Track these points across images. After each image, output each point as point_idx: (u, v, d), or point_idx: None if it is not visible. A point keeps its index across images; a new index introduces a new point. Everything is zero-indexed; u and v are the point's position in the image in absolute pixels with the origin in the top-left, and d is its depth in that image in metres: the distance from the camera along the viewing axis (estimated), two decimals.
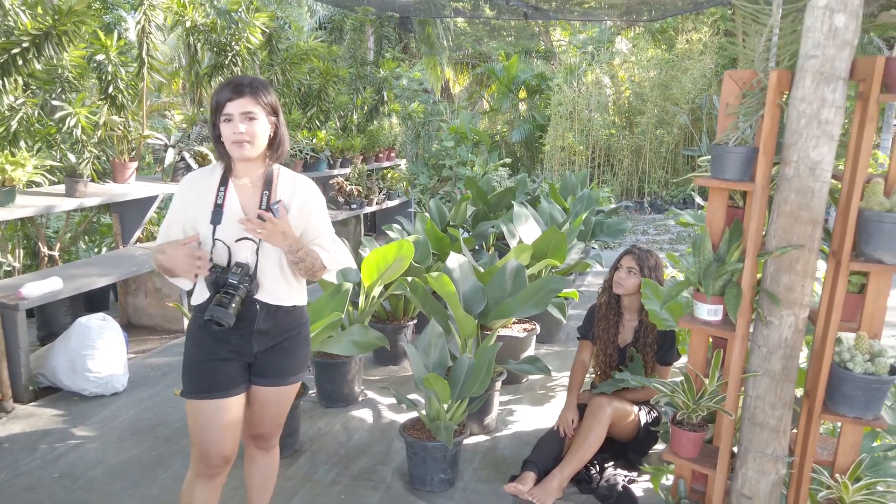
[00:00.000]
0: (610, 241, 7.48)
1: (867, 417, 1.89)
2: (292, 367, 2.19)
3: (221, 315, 1.93)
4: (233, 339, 2.06)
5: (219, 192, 2.03)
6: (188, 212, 2.07)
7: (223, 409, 2.06)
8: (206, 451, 2.07)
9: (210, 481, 2.11)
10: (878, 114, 1.74)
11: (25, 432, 3.38)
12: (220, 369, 2.06)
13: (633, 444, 3.11)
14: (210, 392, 2.04)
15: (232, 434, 2.10)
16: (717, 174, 2.01)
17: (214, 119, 1.99)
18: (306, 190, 2.14)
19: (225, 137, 1.98)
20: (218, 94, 1.97)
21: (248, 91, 1.96)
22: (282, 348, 2.15)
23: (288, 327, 2.15)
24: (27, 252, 4.96)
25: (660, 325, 2.68)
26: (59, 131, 4.41)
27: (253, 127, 1.97)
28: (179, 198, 2.08)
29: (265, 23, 5.69)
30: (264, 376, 2.15)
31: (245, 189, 2.07)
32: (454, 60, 15.77)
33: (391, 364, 4.47)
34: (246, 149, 1.97)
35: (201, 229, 2.05)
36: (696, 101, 10.97)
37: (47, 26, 4.04)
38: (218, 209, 2.02)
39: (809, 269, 1.89)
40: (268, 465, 2.34)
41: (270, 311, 2.09)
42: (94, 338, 3.80)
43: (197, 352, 2.08)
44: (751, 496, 2.05)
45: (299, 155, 6.39)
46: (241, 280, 1.97)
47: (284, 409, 2.26)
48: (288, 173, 2.15)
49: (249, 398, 2.18)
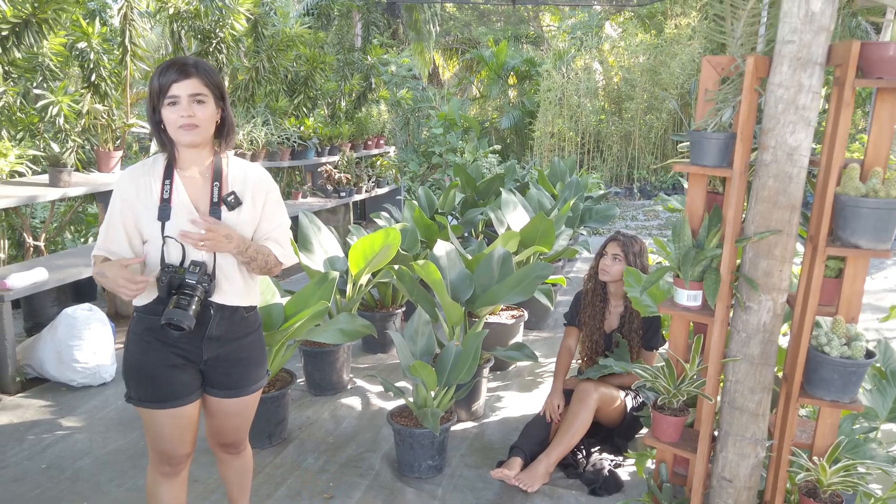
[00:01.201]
0: (599, 228, 7.50)
1: (844, 401, 1.91)
2: (252, 377, 2.08)
3: (181, 318, 1.79)
4: (182, 344, 1.93)
5: (164, 186, 1.87)
6: (130, 210, 1.89)
7: (179, 417, 1.97)
8: (166, 453, 2.01)
9: (174, 478, 2.07)
10: (854, 99, 1.74)
11: (12, 423, 3.38)
12: (173, 377, 1.93)
13: (619, 428, 3.14)
14: (164, 402, 1.93)
15: (191, 434, 2.03)
16: (696, 160, 2.01)
17: (155, 103, 1.83)
18: (260, 179, 2.00)
19: (169, 122, 1.82)
20: (161, 76, 1.80)
21: (195, 72, 1.81)
22: (238, 358, 2.03)
23: (241, 334, 2.02)
24: (12, 243, 4.93)
25: (642, 311, 2.69)
26: (41, 120, 4.37)
27: (202, 110, 1.83)
28: (119, 196, 1.89)
29: (250, 9, 5.64)
30: (224, 388, 2.03)
31: (193, 181, 1.92)
32: (443, 46, 15.69)
33: (380, 352, 4.48)
34: (194, 133, 1.83)
35: (146, 228, 1.89)
36: (684, 86, 10.97)
37: (27, 14, 3.99)
38: (165, 204, 1.86)
39: (787, 254, 1.90)
40: (242, 463, 2.28)
41: (225, 316, 1.96)
42: (80, 328, 3.79)
43: (144, 357, 1.93)
44: (731, 479, 2.07)
45: (287, 143, 6.36)
46: (199, 280, 1.84)
47: (248, 417, 2.16)
48: (238, 162, 2.01)
49: (209, 409, 2.09)
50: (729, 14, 1.99)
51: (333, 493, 2.84)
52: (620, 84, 11.91)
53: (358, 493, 2.84)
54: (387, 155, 8.68)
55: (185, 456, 2.06)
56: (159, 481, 2.07)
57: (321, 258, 3.96)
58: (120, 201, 1.90)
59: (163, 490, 2.07)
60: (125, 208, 1.89)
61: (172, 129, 1.84)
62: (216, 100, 1.88)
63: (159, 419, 1.97)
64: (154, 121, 1.87)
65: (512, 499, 2.81)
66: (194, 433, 2.06)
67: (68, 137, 4.43)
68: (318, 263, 3.90)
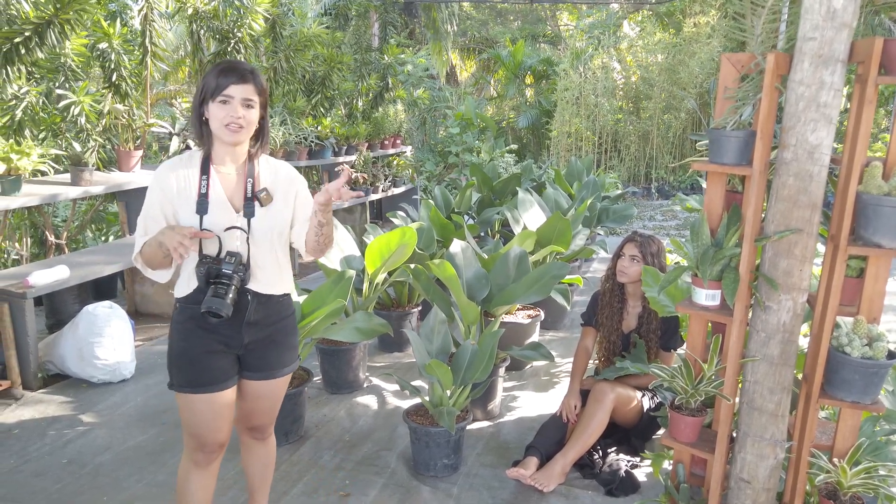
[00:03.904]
0: (616, 227, 7.46)
1: (865, 402, 1.88)
2: (283, 360, 2.18)
3: (219, 306, 1.90)
4: (223, 331, 2.04)
5: (201, 182, 1.99)
6: (169, 203, 2.00)
7: (216, 402, 2.05)
8: (201, 440, 2.08)
9: (206, 468, 2.13)
10: (877, 96, 1.72)
11: (34, 419, 3.43)
12: (212, 363, 2.04)
13: (636, 429, 3.12)
14: (203, 387, 2.03)
15: (226, 422, 2.11)
16: (715, 159, 1.99)
17: (206, 97, 1.94)
18: (289, 176, 2.13)
19: (216, 118, 1.93)
20: (220, 76, 1.92)
21: (252, 78, 1.96)
22: (272, 340, 2.13)
23: (277, 318, 2.13)
24: (34, 241, 5.00)
25: (660, 311, 2.67)
26: (63, 120, 4.43)
27: (249, 114, 1.96)
28: (158, 188, 2.00)
29: (268, 9, 5.68)
30: (256, 370, 2.13)
31: (228, 177, 2.04)
32: (460, 46, 15.69)
33: (396, 350, 4.49)
34: (240, 134, 1.96)
35: (184, 220, 1.99)
36: (703, 85, 10.87)
37: (49, 15, 4.05)
38: (203, 199, 1.98)
39: (808, 254, 1.88)
40: (266, 454, 2.35)
41: (262, 301, 2.07)
42: (101, 325, 3.83)
43: (186, 345, 2.04)
44: (749, 480, 2.05)
45: (304, 142, 6.39)
46: (235, 269, 1.95)
47: (277, 401, 2.25)
48: (268, 160, 2.14)
49: (242, 392, 2.17)
50: (749, 11, 1.97)
51: (349, 491, 2.85)
52: (638, 83, 11.83)
53: (374, 491, 2.85)
54: (403, 154, 8.69)
55: (219, 445, 2.11)
56: (191, 470, 2.13)
57: (338, 257, 3.97)
58: (160, 192, 2.00)
59: (193, 478, 2.12)
60: (164, 200, 2.00)
61: (217, 125, 1.95)
62: (261, 107, 2.01)
63: (197, 404, 2.04)
64: (198, 113, 1.98)
65: (528, 498, 2.81)
66: (230, 422, 2.12)
67: (89, 137, 4.49)
68: (334, 262, 3.92)
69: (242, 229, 2.01)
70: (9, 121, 4.22)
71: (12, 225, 4.71)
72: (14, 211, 4.57)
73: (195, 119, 2.00)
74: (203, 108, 1.96)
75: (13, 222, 4.71)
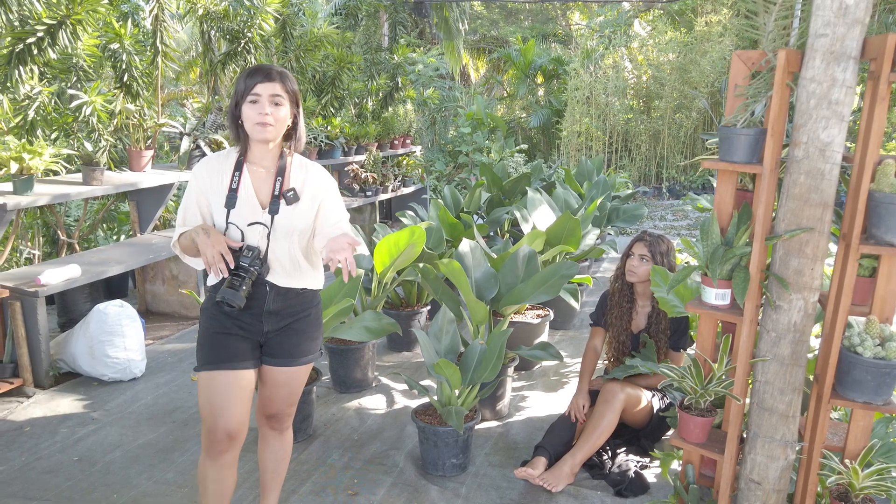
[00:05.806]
0: (626, 227, 7.43)
1: (877, 403, 1.86)
2: (304, 349, 2.22)
3: (232, 297, 1.99)
4: (244, 318, 2.12)
5: (234, 177, 2.09)
6: (204, 196, 2.13)
7: (230, 381, 2.08)
8: (212, 425, 2.08)
9: (217, 459, 2.11)
10: (890, 94, 1.70)
11: (46, 417, 3.45)
12: (230, 343, 2.11)
13: (645, 430, 3.11)
14: (219, 363, 2.09)
15: (238, 408, 2.09)
16: (726, 157, 1.98)
17: (239, 100, 2.04)
18: (318, 178, 2.20)
19: (248, 118, 2.03)
20: (247, 78, 2.03)
21: (278, 77, 2.04)
22: (293, 329, 2.19)
23: (299, 308, 2.19)
24: (46, 240, 5.03)
25: (669, 311, 2.66)
26: (75, 120, 4.46)
27: (277, 111, 2.04)
28: (195, 180, 2.14)
29: (278, 9, 5.69)
30: (276, 356, 2.19)
31: (259, 175, 2.13)
32: (470, 45, 15.68)
33: (405, 350, 4.49)
34: (268, 131, 2.03)
35: (215, 213, 2.11)
36: (715, 84, 10.81)
37: (61, 15, 4.07)
38: (232, 194, 2.08)
39: (819, 253, 1.86)
40: (281, 448, 2.36)
41: (280, 293, 2.14)
42: (112, 324, 3.86)
43: (209, 325, 2.13)
44: (759, 481, 2.03)
45: (314, 142, 6.40)
46: (251, 263, 2.03)
47: (297, 390, 2.29)
48: (300, 161, 2.21)
49: (262, 378, 2.23)
50: (761, 9, 1.95)
51: (358, 490, 2.85)
52: (649, 82, 11.78)
53: (382, 490, 2.85)
54: (413, 154, 8.69)
55: (227, 434, 2.08)
56: (205, 462, 2.13)
57: None
58: (196, 186, 2.13)
59: (207, 471, 2.13)
60: (200, 194, 2.13)
61: (250, 124, 2.04)
62: (291, 105, 2.09)
63: (214, 382, 2.08)
64: (234, 115, 2.08)
65: (536, 498, 2.80)
66: (242, 410, 2.11)
67: (101, 137, 4.52)
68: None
69: (265, 225, 2.09)
70: (21, 120, 4.25)
71: (25, 224, 4.74)
72: (26, 210, 4.61)
73: (231, 122, 2.11)
74: (237, 111, 2.06)
75: (26, 221, 4.75)
